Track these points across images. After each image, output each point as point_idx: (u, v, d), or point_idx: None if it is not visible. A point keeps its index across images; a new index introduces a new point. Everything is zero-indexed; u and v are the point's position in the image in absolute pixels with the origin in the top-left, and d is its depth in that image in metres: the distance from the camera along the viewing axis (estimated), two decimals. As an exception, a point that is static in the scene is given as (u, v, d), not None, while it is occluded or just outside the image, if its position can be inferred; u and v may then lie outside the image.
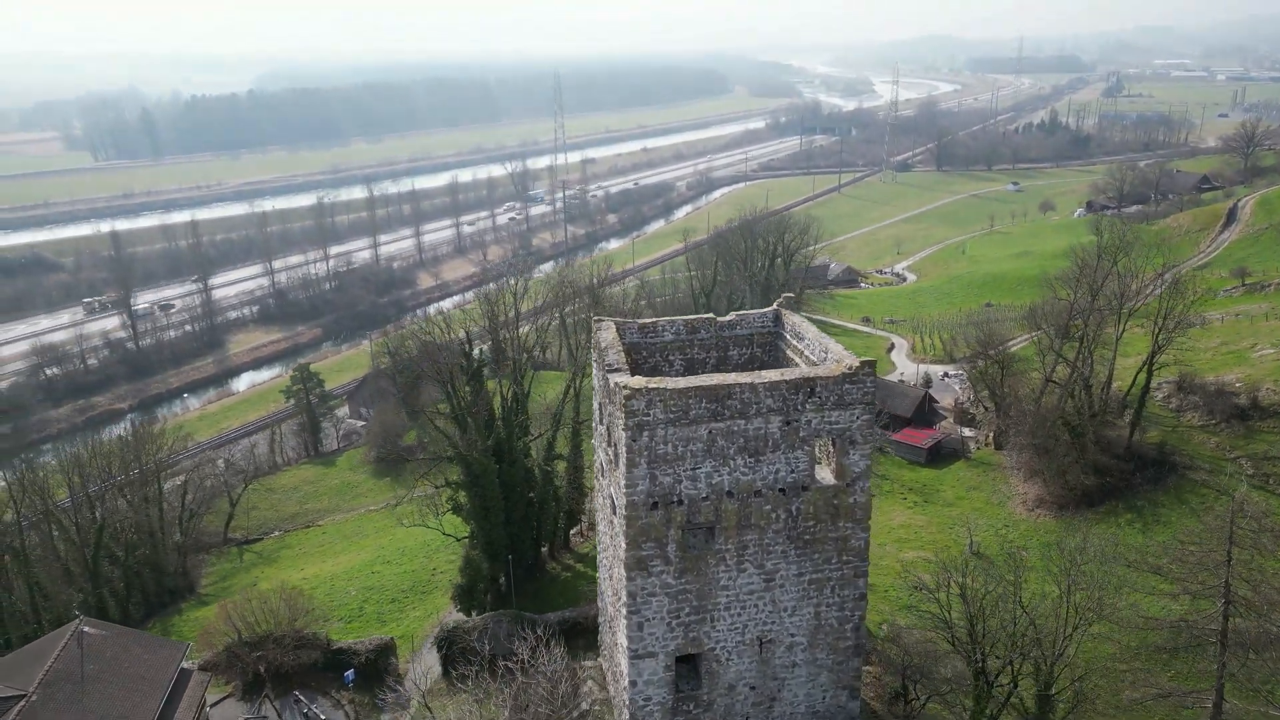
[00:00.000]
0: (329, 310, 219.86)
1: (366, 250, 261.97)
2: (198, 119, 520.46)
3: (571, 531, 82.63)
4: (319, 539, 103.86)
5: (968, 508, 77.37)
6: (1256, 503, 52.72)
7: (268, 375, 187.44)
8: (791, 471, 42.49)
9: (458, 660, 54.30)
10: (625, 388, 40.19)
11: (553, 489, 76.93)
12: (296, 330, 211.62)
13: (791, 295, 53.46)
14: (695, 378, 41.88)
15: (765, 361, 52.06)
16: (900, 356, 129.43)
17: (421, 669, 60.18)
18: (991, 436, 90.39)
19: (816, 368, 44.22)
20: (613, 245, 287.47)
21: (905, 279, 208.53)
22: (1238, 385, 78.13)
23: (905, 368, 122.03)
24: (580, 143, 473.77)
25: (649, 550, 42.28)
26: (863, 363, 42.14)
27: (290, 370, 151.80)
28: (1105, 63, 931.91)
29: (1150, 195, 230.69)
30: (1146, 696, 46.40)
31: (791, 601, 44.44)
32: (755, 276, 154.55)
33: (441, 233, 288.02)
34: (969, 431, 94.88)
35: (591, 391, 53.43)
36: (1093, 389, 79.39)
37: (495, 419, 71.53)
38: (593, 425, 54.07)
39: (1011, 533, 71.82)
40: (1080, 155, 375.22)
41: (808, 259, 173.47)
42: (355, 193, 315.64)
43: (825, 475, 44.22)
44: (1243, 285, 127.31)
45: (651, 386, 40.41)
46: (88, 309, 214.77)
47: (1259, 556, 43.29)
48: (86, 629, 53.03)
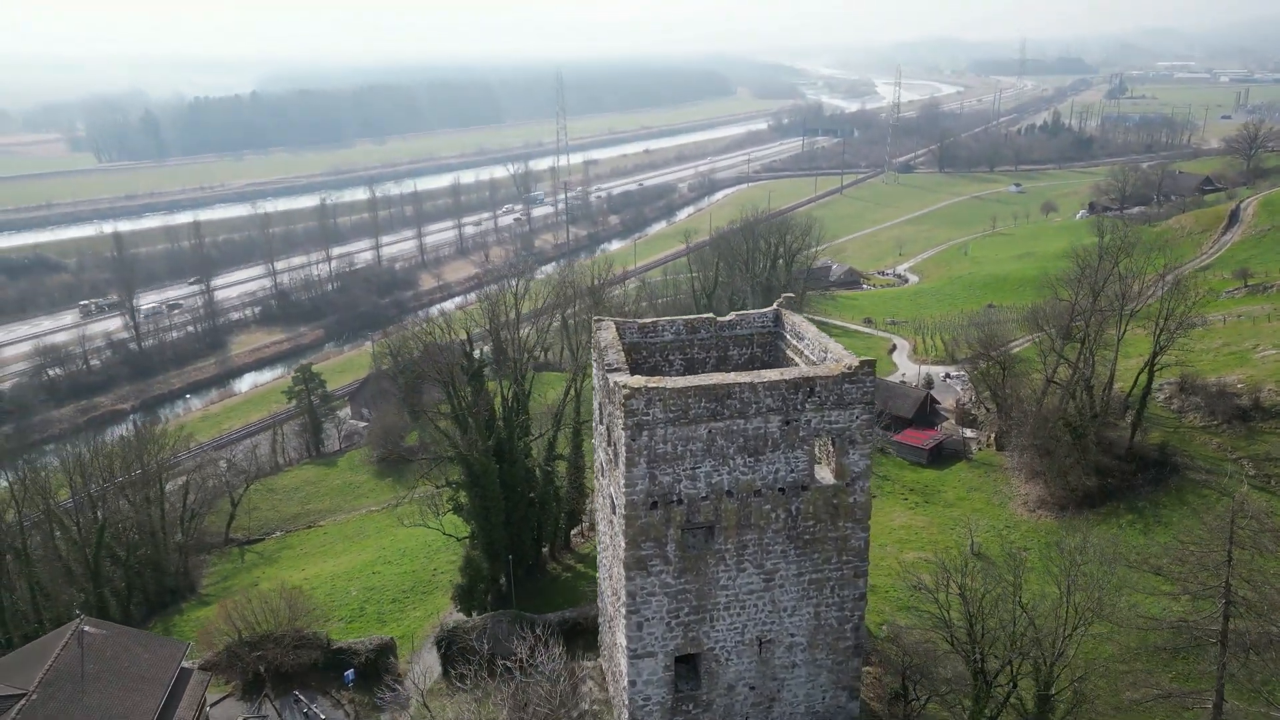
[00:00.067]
0: (331, 311, 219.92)
1: (369, 251, 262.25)
2: (201, 120, 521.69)
3: (572, 532, 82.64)
4: (320, 539, 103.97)
5: (969, 509, 77.32)
6: (1257, 503, 52.59)
7: (270, 376, 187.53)
8: (791, 471, 42.48)
9: (457, 660, 54.28)
10: (624, 387, 40.19)
11: (553, 489, 76.98)
12: (298, 331, 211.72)
13: (792, 295, 53.44)
14: (694, 377, 41.88)
15: (765, 361, 52.05)
16: (902, 358, 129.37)
17: (421, 669, 60.18)
18: (993, 437, 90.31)
19: (816, 367, 44.22)
20: (615, 246, 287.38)
21: (907, 280, 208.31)
22: (1239, 386, 78.02)
23: (907, 369, 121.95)
24: (583, 144, 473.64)
25: (648, 550, 42.28)
26: (862, 362, 42.14)
27: (292, 371, 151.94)
28: (1108, 64, 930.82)
29: (1153, 197, 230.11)
30: (1147, 697, 46.30)
31: (791, 601, 44.42)
32: (757, 278, 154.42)
33: (443, 234, 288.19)
34: (970, 432, 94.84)
35: (592, 392, 53.43)
36: (1094, 390, 79.29)
37: (496, 419, 71.59)
38: (593, 425, 54.08)
39: (1012, 534, 71.75)
40: (1083, 157, 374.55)
41: (809, 260, 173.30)
42: (358, 194, 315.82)
43: (825, 475, 44.21)
44: (1245, 286, 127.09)
45: (651, 386, 40.42)
46: (84, 311, 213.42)
47: (1259, 557, 43.21)
48: (87, 628, 53.10)
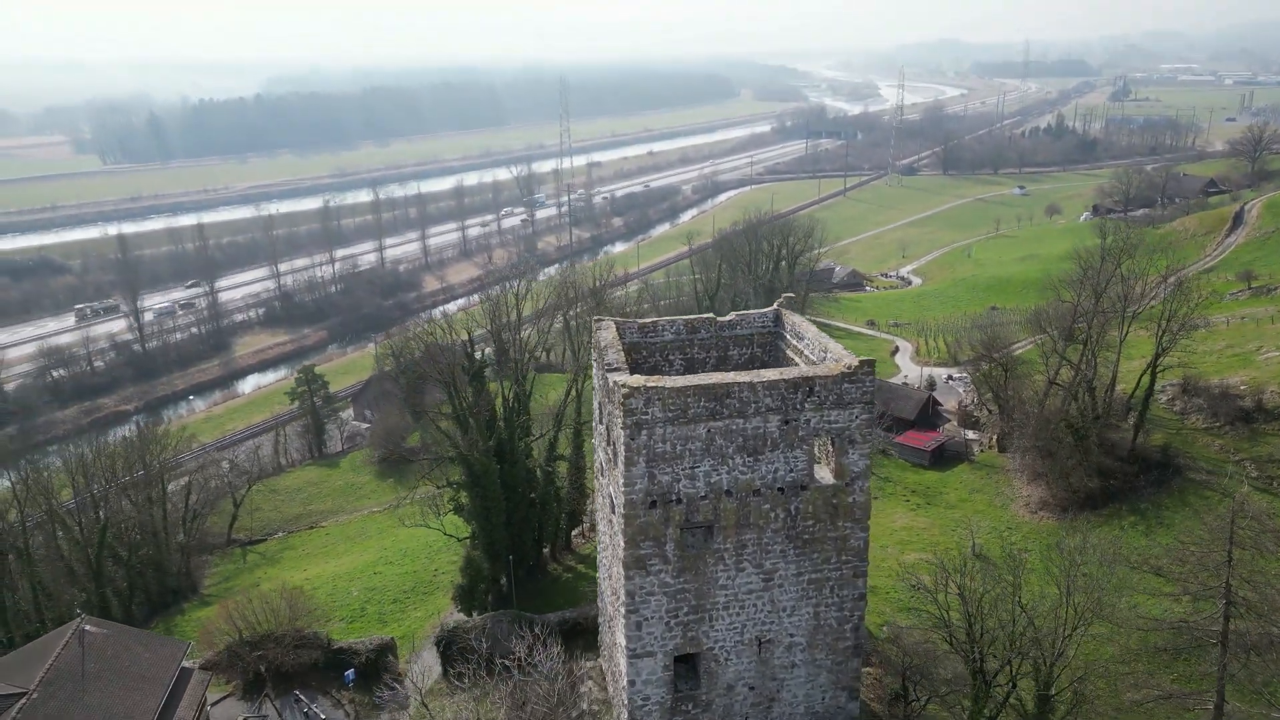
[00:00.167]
0: (334, 313, 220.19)
1: (372, 253, 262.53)
2: (205, 123, 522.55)
3: (573, 533, 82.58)
4: (322, 540, 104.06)
5: (970, 510, 77.17)
6: (1259, 504, 52.40)
7: (273, 377, 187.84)
8: (790, 471, 42.43)
9: (457, 660, 54.27)
10: (624, 386, 40.18)
11: (554, 490, 76.95)
12: (302, 333, 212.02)
13: (792, 295, 53.40)
14: (693, 376, 41.85)
15: (765, 361, 52.01)
16: (904, 359, 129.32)
17: (421, 669, 60.18)
18: (995, 439, 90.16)
19: (815, 367, 44.18)
20: (618, 249, 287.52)
21: (910, 282, 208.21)
22: (1242, 388, 77.79)
23: (909, 370, 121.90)
24: (586, 146, 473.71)
25: (647, 549, 42.24)
26: (861, 362, 42.10)
27: (295, 372, 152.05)
28: (1112, 67, 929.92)
29: (1157, 199, 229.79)
30: (1148, 698, 46.16)
31: (790, 601, 44.34)
32: (760, 279, 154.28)
33: (447, 236, 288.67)
34: (972, 434, 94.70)
35: (593, 392, 53.42)
36: (1096, 392, 79.14)
37: (497, 419, 71.60)
38: (593, 425, 54.07)
39: (1014, 535, 71.57)
40: (1087, 159, 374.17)
41: (812, 262, 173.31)
42: (361, 196, 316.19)
43: (824, 474, 44.16)
44: (1249, 288, 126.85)
45: (650, 385, 40.40)
46: (80, 315, 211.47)
47: (1260, 558, 43.06)
48: (88, 627, 53.15)
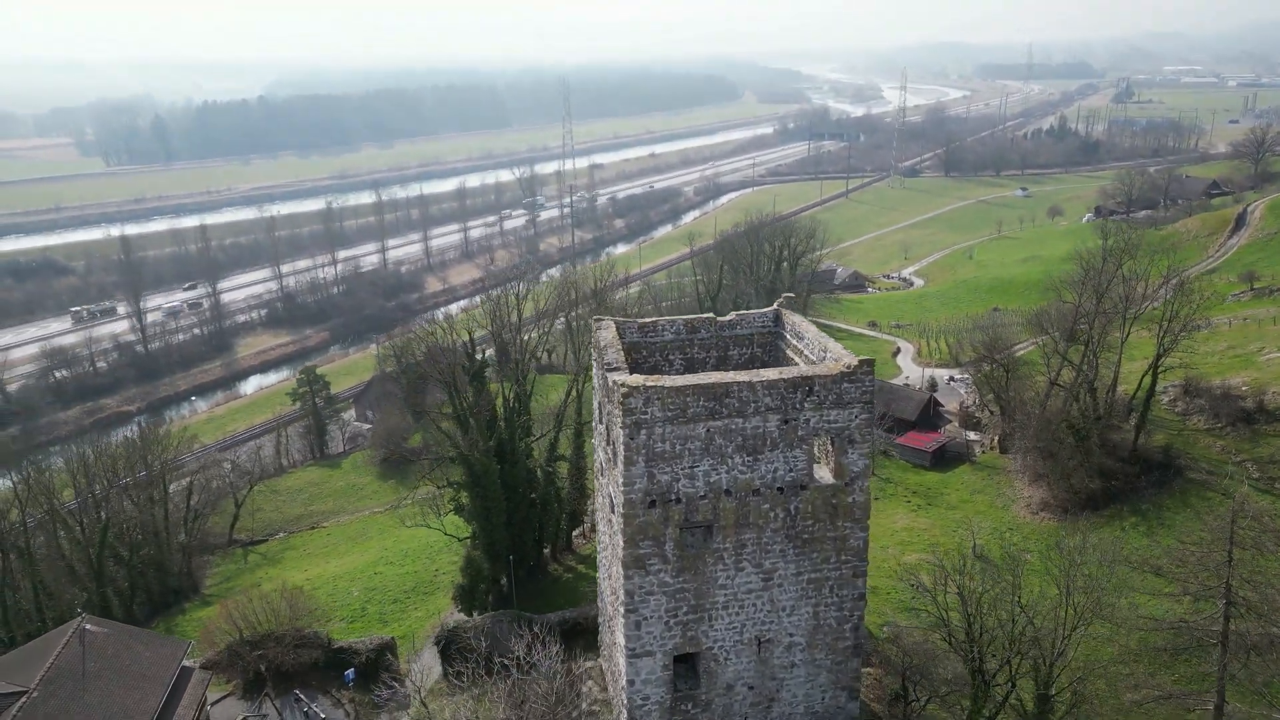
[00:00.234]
0: (336, 314, 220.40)
1: (374, 255, 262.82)
2: (209, 125, 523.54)
3: (574, 533, 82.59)
4: (323, 540, 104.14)
5: (971, 511, 77.10)
6: (1260, 505, 52.31)
7: (275, 378, 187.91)
8: (790, 470, 42.40)
9: (457, 660, 54.25)
10: (623, 385, 40.18)
11: (555, 490, 76.95)
12: (304, 334, 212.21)
13: (792, 295, 53.38)
14: (693, 376, 41.83)
15: (765, 361, 51.97)
16: (906, 360, 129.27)
17: (421, 668, 60.18)
18: (996, 440, 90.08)
19: (815, 366, 44.16)
20: (620, 250, 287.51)
21: (912, 284, 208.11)
22: (1244, 389, 77.69)
23: (911, 371, 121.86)
24: (588, 148, 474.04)
25: (647, 548, 42.23)
26: (861, 361, 42.07)
27: (297, 373, 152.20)
28: (1115, 69, 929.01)
29: (1159, 200, 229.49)
30: (1148, 698, 46.08)
31: (790, 601, 44.29)
32: (761, 281, 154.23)
33: (449, 237, 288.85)
34: (974, 435, 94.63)
35: (593, 392, 53.42)
36: (1097, 392, 79.06)
37: (498, 419, 71.63)
38: (593, 425, 54.08)
39: (1015, 536, 71.49)
40: (1089, 161, 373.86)
41: (814, 263, 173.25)
42: (364, 198, 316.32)
43: (824, 474, 44.12)
44: (1251, 290, 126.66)
45: (649, 384, 40.40)
46: (76, 318, 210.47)
47: (1261, 558, 42.98)
48: (88, 626, 53.23)
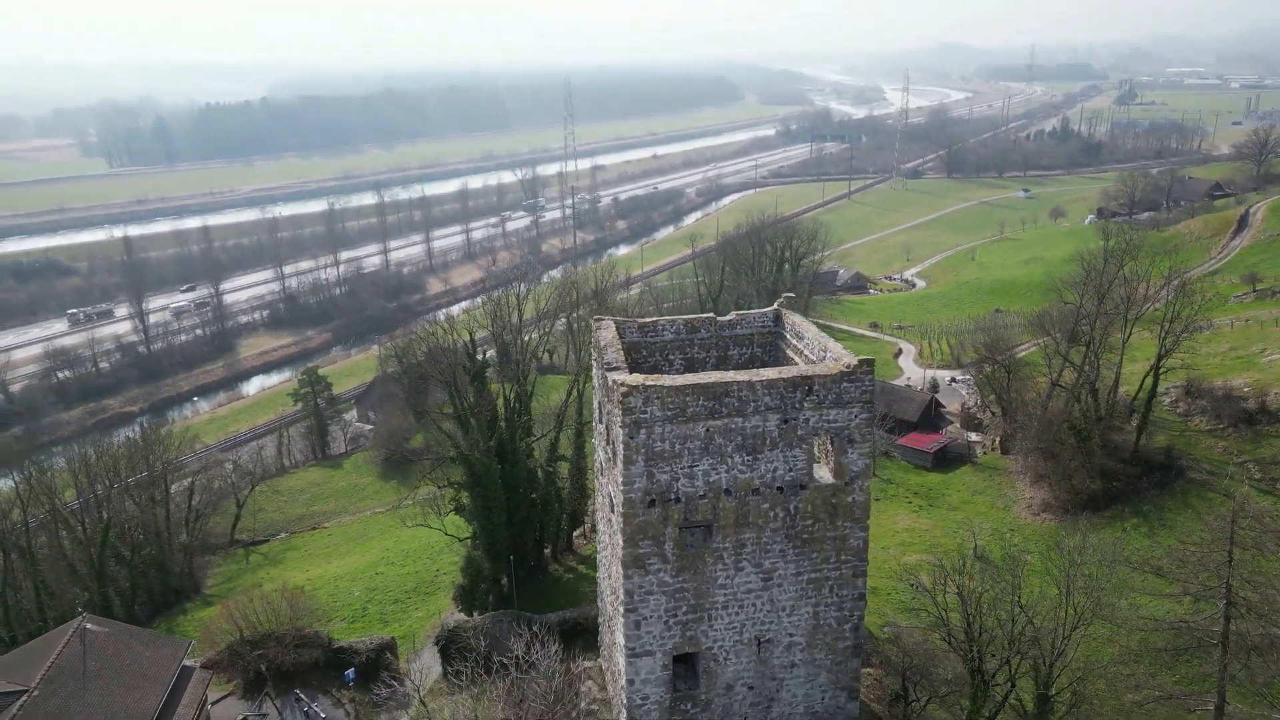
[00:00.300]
0: (339, 315, 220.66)
1: (377, 256, 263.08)
2: (212, 126, 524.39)
3: (575, 533, 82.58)
4: (324, 541, 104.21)
5: (972, 512, 77.01)
6: (1262, 506, 52.18)
7: (277, 379, 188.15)
8: (790, 470, 42.35)
9: (456, 659, 54.26)
10: (622, 385, 40.16)
11: (555, 490, 76.94)
12: (306, 335, 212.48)
13: (792, 295, 53.36)
14: (692, 375, 41.79)
15: (765, 361, 51.92)
16: (907, 361, 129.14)
17: (421, 668, 60.21)
18: (998, 441, 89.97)
19: (814, 366, 44.12)
20: (622, 251, 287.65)
21: (914, 285, 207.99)
22: (1246, 390, 77.58)
23: (912, 373, 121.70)
24: (591, 150, 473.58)
25: (646, 548, 42.19)
26: (860, 361, 42.02)
27: (299, 374, 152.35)
28: (1118, 71, 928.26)
29: (1162, 202, 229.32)
30: (1148, 699, 45.99)
31: (790, 601, 44.22)
32: (763, 282, 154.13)
33: (451, 239, 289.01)
34: (975, 436, 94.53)
35: (593, 392, 53.42)
36: (1099, 393, 78.96)
37: (499, 420, 71.64)
38: (593, 424, 54.07)
39: (1016, 537, 71.40)
40: (1092, 162, 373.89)
41: (815, 265, 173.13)
42: (366, 199, 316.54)
43: (824, 474, 44.08)
44: (1253, 291, 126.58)
45: (649, 384, 40.38)
46: (72, 320, 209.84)
47: (1261, 558, 42.89)
48: (89, 626, 53.29)
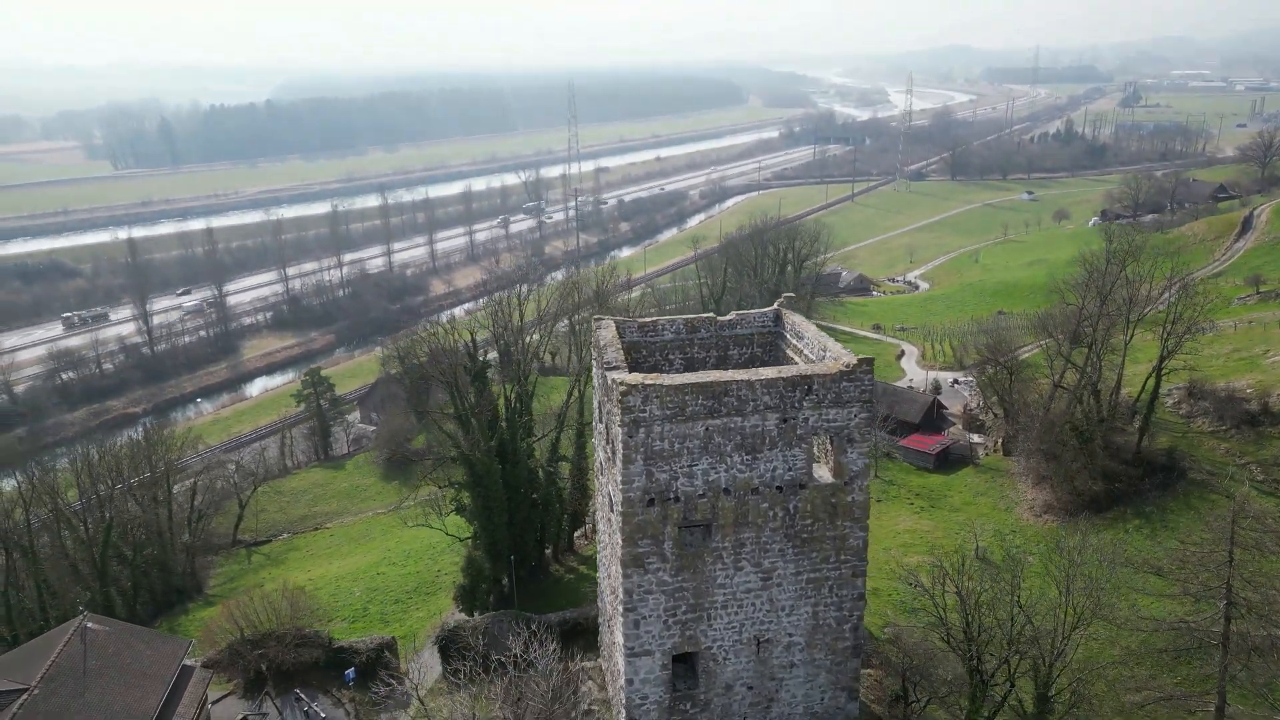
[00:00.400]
0: (342, 316, 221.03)
1: (380, 257, 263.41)
2: (216, 128, 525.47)
3: (576, 534, 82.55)
4: (326, 541, 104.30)
5: (974, 513, 76.88)
6: (1264, 507, 52.04)
7: (280, 380, 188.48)
8: (789, 469, 42.32)
9: (456, 659, 54.21)
10: (621, 384, 40.17)
11: (556, 490, 76.92)
12: (309, 336, 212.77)
13: (792, 295, 53.33)
14: (692, 374, 41.80)
15: (765, 361, 51.91)
16: (910, 363, 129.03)
17: (421, 668, 60.21)
18: (1000, 442, 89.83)
19: (814, 365, 44.10)
20: (625, 253, 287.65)
21: (918, 287, 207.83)
22: (1249, 391, 77.38)
23: (915, 374, 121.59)
24: (594, 152, 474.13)
25: (645, 547, 42.18)
26: (860, 360, 41.99)
27: (302, 375, 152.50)
28: (1123, 73, 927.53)
29: (1166, 204, 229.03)
30: (1148, 700, 45.84)
31: (789, 600, 44.18)
32: (765, 283, 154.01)
33: (454, 240, 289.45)
34: (977, 437, 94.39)
35: (594, 392, 53.41)
36: (1101, 395, 78.80)
37: (499, 420, 71.67)
38: (593, 424, 54.08)
39: (1018, 538, 71.26)
40: (1096, 165, 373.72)
41: (818, 266, 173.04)
42: (370, 201, 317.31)
43: (823, 473, 44.05)
44: (1257, 293, 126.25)
45: (648, 383, 40.38)
46: (67, 323, 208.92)
47: (1262, 558, 42.76)
48: (90, 625, 53.32)
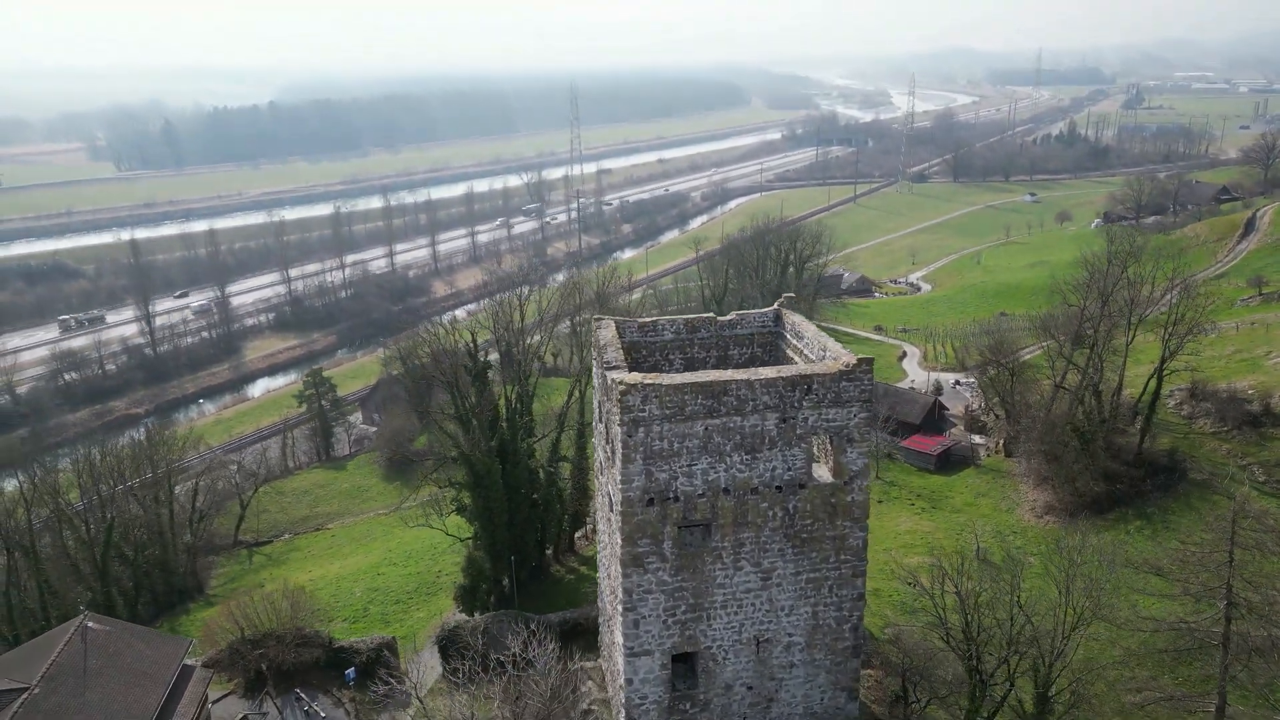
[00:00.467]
0: (344, 317, 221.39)
1: (382, 259, 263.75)
2: (219, 130, 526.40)
3: (576, 534, 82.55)
4: (327, 542, 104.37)
5: (976, 514, 76.81)
6: (1264, 506, 51.94)
7: (282, 381, 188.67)
8: (788, 469, 42.31)
9: (456, 659, 54.19)
10: (621, 383, 40.18)
11: (557, 490, 76.90)
12: (312, 337, 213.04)
13: (793, 295, 53.32)
14: (691, 374, 41.83)
15: (765, 361, 51.91)
16: (912, 364, 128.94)
17: (421, 668, 60.21)
18: (1001, 443, 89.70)
19: (813, 365, 44.09)
20: (627, 255, 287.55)
21: (920, 289, 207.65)
22: (1250, 392, 77.31)
23: (916, 375, 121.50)
24: (597, 154, 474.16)
25: (645, 547, 42.19)
26: (860, 360, 41.98)
27: (304, 376, 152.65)
28: (1126, 75, 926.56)
29: (1169, 206, 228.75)
30: (1149, 700, 45.75)
31: (789, 600, 44.16)
32: (767, 285, 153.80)
33: (457, 242, 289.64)
34: (979, 438, 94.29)
35: (594, 391, 53.43)
36: (1102, 396, 78.69)
37: (500, 420, 71.69)
38: (593, 424, 54.10)
39: (1019, 539, 71.11)
40: (1099, 167, 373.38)
41: (820, 268, 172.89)
42: (373, 203, 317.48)
43: (823, 473, 44.04)
44: (1259, 294, 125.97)
45: (647, 382, 40.40)
46: (63, 325, 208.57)
47: (1262, 559, 42.67)
48: (90, 624, 53.34)
